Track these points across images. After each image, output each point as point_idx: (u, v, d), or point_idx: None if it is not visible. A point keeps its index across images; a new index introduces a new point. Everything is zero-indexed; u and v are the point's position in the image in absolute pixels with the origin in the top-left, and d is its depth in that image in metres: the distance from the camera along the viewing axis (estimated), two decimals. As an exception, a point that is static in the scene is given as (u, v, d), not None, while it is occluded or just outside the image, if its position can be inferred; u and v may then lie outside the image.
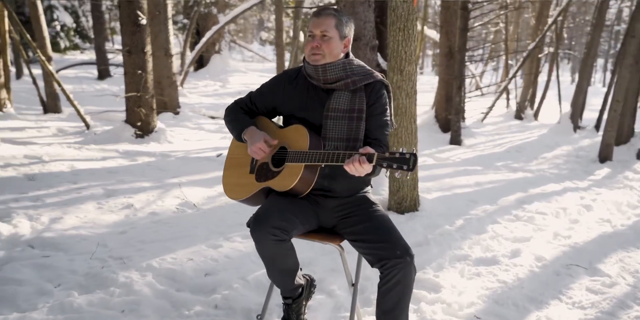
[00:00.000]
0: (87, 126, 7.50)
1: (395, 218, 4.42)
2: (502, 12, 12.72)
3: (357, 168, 2.20)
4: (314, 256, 3.58)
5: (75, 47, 22.14)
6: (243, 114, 2.65)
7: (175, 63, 17.17)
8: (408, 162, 2.12)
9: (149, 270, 3.21)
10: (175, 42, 23.22)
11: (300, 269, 2.71)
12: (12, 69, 15.37)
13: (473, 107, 14.23)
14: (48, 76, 8.91)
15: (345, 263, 2.66)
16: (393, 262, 2.33)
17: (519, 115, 13.44)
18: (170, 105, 9.39)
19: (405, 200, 4.53)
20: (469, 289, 3.34)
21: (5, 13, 8.10)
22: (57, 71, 15.59)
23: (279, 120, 3.50)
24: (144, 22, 6.81)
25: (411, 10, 4.21)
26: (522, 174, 6.71)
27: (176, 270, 3.25)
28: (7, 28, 8.22)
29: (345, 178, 2.49)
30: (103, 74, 15.54)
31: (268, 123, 2.67)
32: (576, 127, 10.66)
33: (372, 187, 2.74)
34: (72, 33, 21.00)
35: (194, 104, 11.69)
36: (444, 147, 8.86)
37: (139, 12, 6.67)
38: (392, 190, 4.54)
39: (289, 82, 2.61)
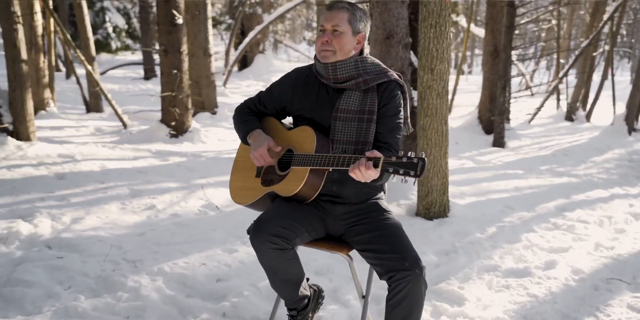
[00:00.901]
0: (125, 126, 7.58)
1: (423, 224, 4.22)
2: (551, 8, 12.21)
3: (362, 173, 2.04)
4: (332, 263, 3.43)
5: (127, 47, 22.69)
6: (251, 115, 2.53)
7: (219, 63, 17.34)
8: (415, 167, 1.95)
9: (160, 275, 3.14)
10: (221, 42, 23.47)
11: (307, 279, 2.57)
12: (64, 69, 15.84)
13: (520, 107, 13.73)
14: (90, 76, 9.07)
15: (354, 274, 2.51)
16: (401, 274, 2.16)
17: (569, 117, 12.88)
18: (208, 105, 9.42)
19: (434, 206, 4.32)
20: (496, 302, 3.12)
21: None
22: (106, 71, 15.97)
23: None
24: (180, 21, 6.82)
25: (443, 6, 4.01)
26: (566, 179, 6.36)
27: (187, 275, 3.16)
28: (52, 28, 8.41)
29: (354, 183, 2.33)
30: (149, 74, 15.81)
31: (276, 124, 2.54)
32: (631, 130, 10.10)
33: (385, 192, 2.58)
34: (123, 34, 21.53)
35: (235, 104, 11.70)
36: (486, 150, 8.53)
37: (175, 12, 6.67)
38: (421, 195, 4.34)
39: (300, 80, 2.48)
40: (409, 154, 1.98)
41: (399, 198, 4.68)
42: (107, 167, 5.44)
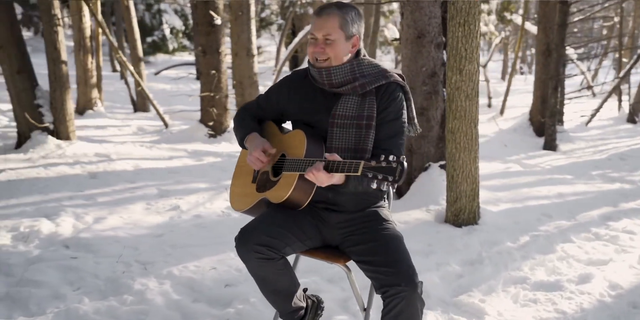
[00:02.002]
0: (166, 125, 7.68)
1: (450, 232, 4.03)
2: (607, 4, 11.59)
3: (315, 176, 1.94)
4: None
5: (183, 48, 23.19)
6: (249, 119, 2.44)
7: (271, 63, 17.41)
8: (394, 172, 1.81)
9: (169, 278, 3.10)
10: (273, 42, 23.62)
11: (305, 290, 2.46)
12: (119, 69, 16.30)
13: (578, 109, 13.11)
14: (138, 76, 9.26)
15: (353, 285, 2.38)
16: (394, 290, 2.03)
17: (632, 119, 12.18)
18: (251, 105, 9.44)
19: (463, 213, 4.12)
20: (519, 318, 2.92)
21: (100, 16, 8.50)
22: (159, 71, 16.35)
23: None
24: (218, 22, 6.84)
25: (473, 4, 3.81)
26: (618, 185, 5.97)
27: (196, 279, 3.12)
28: (99, 30, 8.62)
29: (351, 190, 2.21)
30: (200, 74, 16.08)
31: (273, 129, 2.44)
32: (697, 133, 9.46)
33: (389, 200, 2.44)
34: (180, 35, 22.01)
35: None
36: (535, 153, 8.17)
37: (213, 13, 6.70)
38: (449, 201, 4.15)
39: (296, 83, 2.37)
40: (390, 157, 1.84)
41: (428, 203, 4.50)
42: (141, 166, 5.50)
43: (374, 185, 1.85)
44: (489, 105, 14.37)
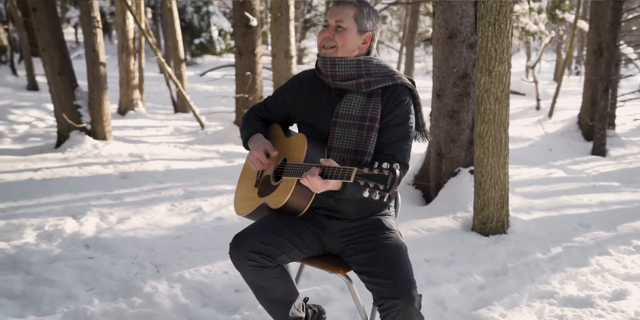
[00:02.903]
0: (202, 126, 7.74)
1: (476, 241, 3.87)
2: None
3: (310, 183, 1.86)
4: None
5: (231, 49, 23.48)
6: (255, 121, 2.39)
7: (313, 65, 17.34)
8: (385, 180, 1.71)
9: (179, 281, 3.08)
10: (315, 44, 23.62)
11: (306, 299, 2.38)
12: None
13: (632, 112, 12.51)
14: (179, 77, 9.40)
15: (355, 297, 2.28)
16: (390, 303, 1.93)
17: (693, 123, 11.54)
18: (289, 106, 9.43)
19: (491, 221, 3.94)
20: (541, 335, 2.76)
21: (143, 17, 8.66)
22: (205, 73, 16.58)
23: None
24: (254, 23, 6.84)
25: (504, 2, 3.64)
26: (669, 194, 5.63)
27: (206, 283, 3.08)
28: (142, 33, 8.79)
29: (353, 197, 2.12)
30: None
31: (278, 131, 2.38)
32: None
33: (390, 208, 2.33)
34: (228, 37, 22.28)
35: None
36: (582, 158, 7.82)
37: (249, 14, 6.70)
38: (477, 208, 3.99)
39: (304, 83, 2.31)
40: (384, 164, 1.75)
41: (456, 210, 4.34)
42: (171, 167, 5.55)
43: (366, 194, 1.77)
44: (537, 108, 13.89)
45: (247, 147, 2.38)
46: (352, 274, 2.21)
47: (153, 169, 5.44)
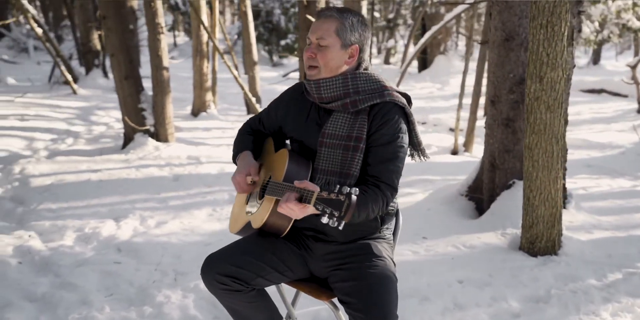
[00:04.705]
0: (267, 129, 7.76)
1: (521, 261, 3.55)
2: None
3: (289, 209, 1.72)
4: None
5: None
6: (248, 135, 2.29)
7: (399, 65, 17.08)
8: (341, 206, 1.56)
9: (194, 292, 3.05)
10: (400, 43, 23.17)
11: (293, 323, 2.25)
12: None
13: None
14: (252, 79, 9.52)
15: (342, 324, 2.13)
16: (363, 338, 1.76)
17: None
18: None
19: (540, 240, 3.61)
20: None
21: (217, 21, 8.85)
22: (287, 74, 16.76)
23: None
24: (317, 26, 6.75)
25: (558, 2, 3.31)
26: None
27: (220, 295, 3.02)
28: (216, 35, 8.97)
29: None
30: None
31: (270, 146, 2.27)
32: None
33: (386, 230, 2.14)
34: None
35: (399, 107, 11.39)
36: (677, 169, 7.06)
37: (309, 16, 6.62)
38: (525, 226, 3.66)
39: (295, 97, 2.18)
40: (343, 189, 1.59)
41: (506, 226, 4.02)
42: (225, 170, 5.58)
43: (324, 220, 1.63)
44: (639, 111, 12.82)
45: (235, 164, 2.29)
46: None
47: (206, 172, 5.49)
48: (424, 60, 17.69)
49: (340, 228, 1.65)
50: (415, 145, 2.10)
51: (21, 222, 4.10)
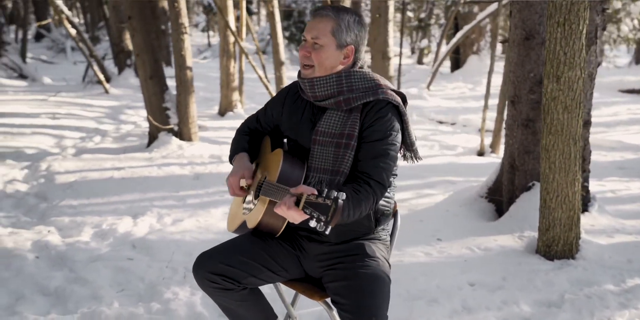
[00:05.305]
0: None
1: (537, 265, 3.47)
2: None
3: (286, 213, 1.71)
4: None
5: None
6: (245, 135, 2.29)
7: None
8: (327, 211, 1.55)
9: (201, 289, 3.06)
10: (434, 43, 22.93)
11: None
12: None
13: None
14: (279, 79, 9.55)
15: (337, 324, 2.11)
16: (351, 339, 1.75)
17: None
18: (384, 109, 9.21)
19: (557, 244, 3.52)
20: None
21: (245, 21, 8.92)
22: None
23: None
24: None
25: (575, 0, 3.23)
26: None
27: (228, 293, 3.04)
28: (243, 35, 9.05)
29: None
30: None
31: (267, 146, 2.27)
32: None
33: (381, 231, 2.12)
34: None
35: (427, 108, 11.28)
36: None
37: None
38: (541, 228, 3.58)
39: (291, 95, 2.18)
40: (331, 193, 1.58)
41: (524, 228, 3.93)
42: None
43: (312, 224, 1.62)
44: (679, 111, 12.40)
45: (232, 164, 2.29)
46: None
47: (227, 171, 5.48)
48: (457, 60, 17.46)
49: (327, 233, 1.64)
50: (409, 146, 2.07)
51: (43, 218, 4.21)
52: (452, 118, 10.51)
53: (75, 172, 5.35)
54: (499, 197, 4.46)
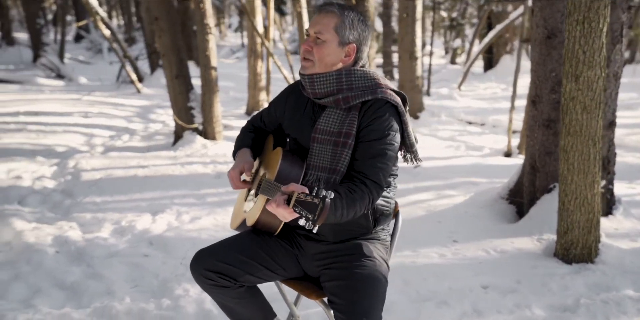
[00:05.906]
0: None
1: (554, 268, 3.39)
2: None
3: (276, 211, 1.71)
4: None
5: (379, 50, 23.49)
6: (249, 133, 2.32)
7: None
8: (315, 209, 1.55)
9: (212, 286, 3.10)
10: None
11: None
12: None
13: None
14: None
15: (335, 324, 2.11)
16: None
17: None
18: (411, 109, 9.13)
19: (575, 247, 3.44)
20: None
21: (272, 21, 8.96)
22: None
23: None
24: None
25: (596, -4, 3.15)
26: None
27: (237, 290, 3.07)
28: (271, 36, 9.10)
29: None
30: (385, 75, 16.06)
31: (269, 144, 2.28)
32: None
33: (380, 231, 2.11)
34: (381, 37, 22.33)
35: (457, 108, 11.14)
36: None
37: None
38: (560, 231, 3.50)
39: (294, 93, 2.19)
40: (320, 192, 1.58)
41: (543, 231, 3.85)
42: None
43: (301, 222, 1.63)
44: None
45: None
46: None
47: (248, 170, 5.57)
48: (490, 60, 17.20)
49: (314, 231, 1.64)
50: (408, 147, 2.05)
51: (66, 214, 4.31)
52: (481, 119, 10.35)
53: (101, 170, 5.47)
54: (520, 199, 4.38)
